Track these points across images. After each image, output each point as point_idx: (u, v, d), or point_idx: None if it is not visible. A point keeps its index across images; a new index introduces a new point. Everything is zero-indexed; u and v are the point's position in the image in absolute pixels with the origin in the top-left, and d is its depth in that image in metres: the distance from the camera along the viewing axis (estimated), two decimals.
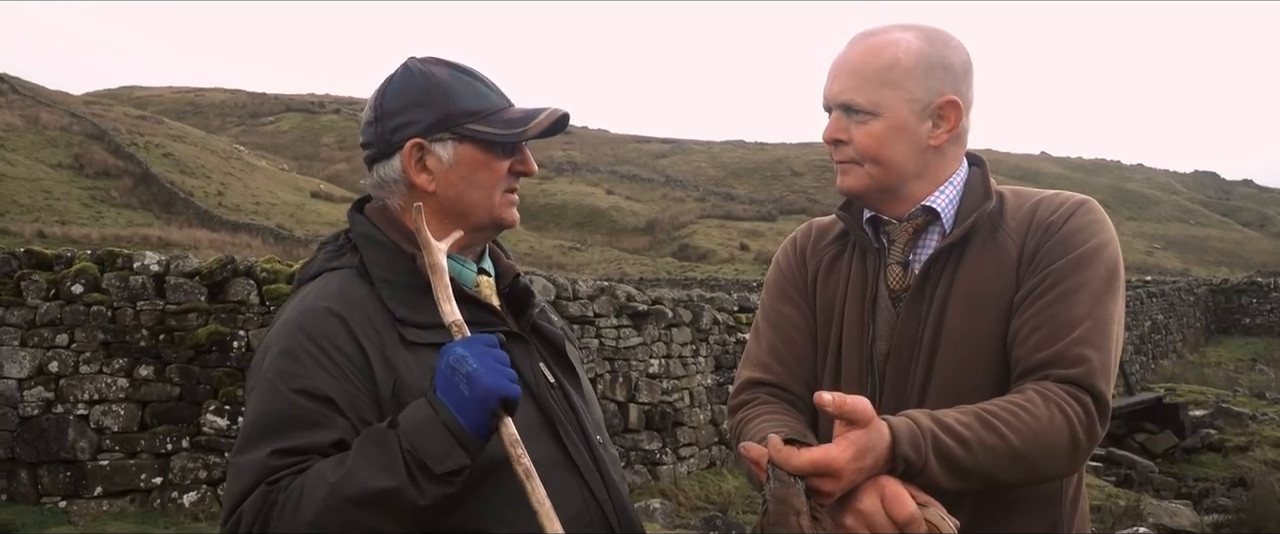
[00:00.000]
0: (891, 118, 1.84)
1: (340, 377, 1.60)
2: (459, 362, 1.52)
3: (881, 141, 1.84)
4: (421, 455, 1.48)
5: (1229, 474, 15.52)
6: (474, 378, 1.50)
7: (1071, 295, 1.75)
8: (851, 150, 1.87)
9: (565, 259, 45.98)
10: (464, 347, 1.54)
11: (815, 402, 1.51)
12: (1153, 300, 29.07)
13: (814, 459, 1.49)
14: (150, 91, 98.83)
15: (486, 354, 1.54)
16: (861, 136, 1.85)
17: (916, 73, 1.84)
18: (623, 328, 10.87)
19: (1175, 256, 62.72)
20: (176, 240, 32.73)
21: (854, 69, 1.85)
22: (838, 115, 1.87)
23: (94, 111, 58.38)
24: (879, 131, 1.84)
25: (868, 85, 1.83)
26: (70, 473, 8.28)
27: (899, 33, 1.88)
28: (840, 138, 1.87)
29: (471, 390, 1.50)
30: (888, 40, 1.86)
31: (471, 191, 1.76)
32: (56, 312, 8.50)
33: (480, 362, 1.52)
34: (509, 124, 1.76)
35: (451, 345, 1.56)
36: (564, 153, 78.50)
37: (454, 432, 1.50)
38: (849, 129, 1.86)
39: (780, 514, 1.48)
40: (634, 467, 10.72)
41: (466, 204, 1.77)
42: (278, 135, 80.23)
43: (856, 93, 1.84)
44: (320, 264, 1.81)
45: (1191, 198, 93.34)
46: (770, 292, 2.08)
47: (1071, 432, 1.66)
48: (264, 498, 1.51)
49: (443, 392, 1.52)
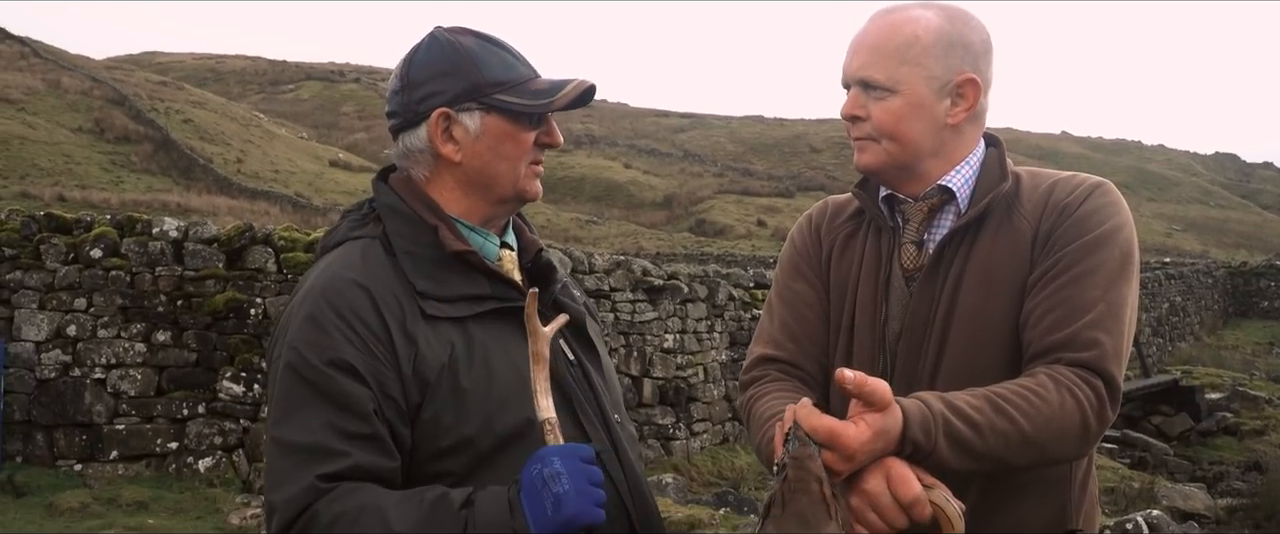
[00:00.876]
0: (910, 95, 1.83)
1: (364, 350, 1.59)
2: (553, 478, 1.49)
3: (899, 118, 1.83)
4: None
5: (1244, 458, 15.49)
6: (562, 500, 1.48)
7: (1085, 278, 1.74)
8: (869, 127, 1.86)
9: (582, 233, 45.99)
10: (562, 461, 1.51)
11: (836, 378, 1.50)
12: (1171, 282, 28.95)
13: (830, 427, 1.50)
14: (171, 57, 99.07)
15: (580, 474, 1.51)
16: (879, 113, 1.84)
17: (936, 50, 1.83)
18: (638, 302, 10.88)
19: (1194, 238, 62.36)
20: (195, 206, 32.85)
21: (873, 45, 1.84)
22: (856, 91, 1.86)
23: (115, 76, 58.53)
24: (897, 108, 1.83)
25: (886, 61, 1.82)
26: (86, 436, 8.36)
27: (919, 10, 1.86)
28: (858, 114, 1.86)
29: (556, 512, 1.48)
30: (908, 17, 1.85)
31: (498, 163, 1.75)
32: (75, 276, 8.56)
33: (573, 482, 1.49)
34: (536, 95, 1.74)
35: (549, 454, 1.52)
36: (583, 126, 78.40)
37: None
38: (867, 105, 1.85)
39: (801, 479, 1.46)
40: (647, 441, 10.75)
41: (492, 175, 1.75)
42: (297, 103, 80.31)
43: (875, 69, 1.83)
44: (344, 233, 1.79)
45: (1212, 179, 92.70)
46: (784, 268, 2.07)
47: (1082, 416, 1.65)
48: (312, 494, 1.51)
49: (526, 496, 1.51)
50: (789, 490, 1.46)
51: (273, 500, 1.54)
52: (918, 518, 1.53)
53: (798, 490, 1.46)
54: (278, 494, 1.53)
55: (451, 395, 1.62)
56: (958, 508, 1.54)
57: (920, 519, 1.53)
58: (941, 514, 1.53)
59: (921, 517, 1.52)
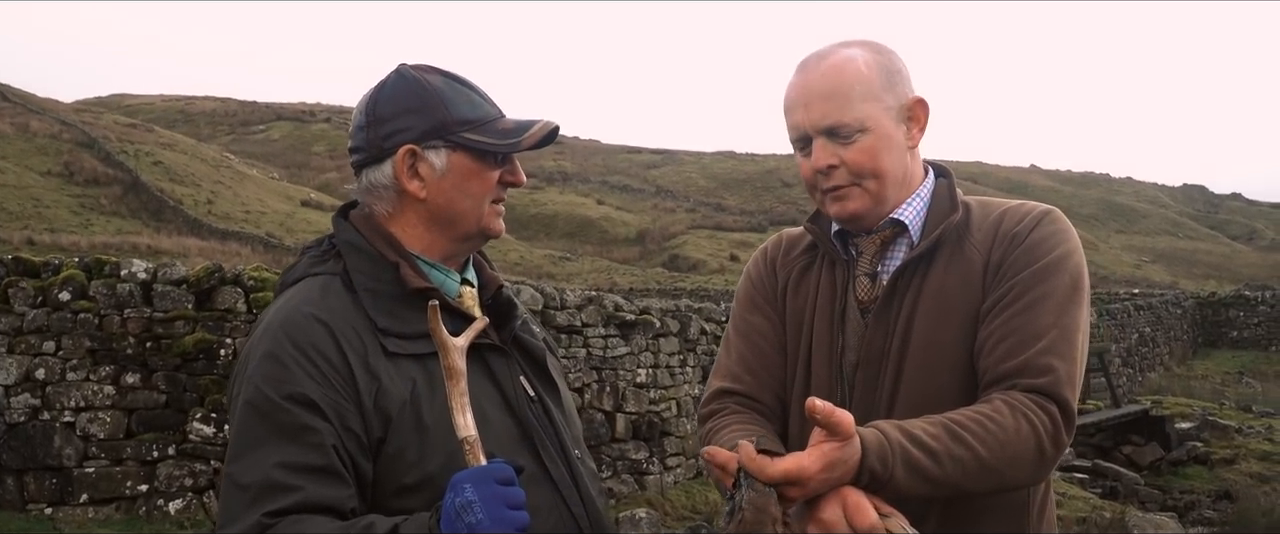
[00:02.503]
0: (878, 129, 1.86)
1: (324, 383, 1.59)
2: (465, 508, 1.45)
3: (876, 155, 1.86)
4: None
5: (1215, 487, 15.56)
6: (479, 528, 1.45)
7: (1037, 305, 1.77)
8: (844, 173, 1.87)
9: (555, 269, 45.93)
10: (475, 487, 1.47)
11: (806, 406, 1.51)
12: (1140, 313, 29.15)
13: (786, 470, 1.50)
14: (141, 99, 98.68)
15: (495, 501, 1.46)
16: (855, 155, 1.86)
17: (882, 82, 1.87)
18: (610, 338, 10.88)
19: (1163, 269, 62.89)
20: (166, 248, 32.63)
21: (827, 92, 1.86)
22: (822, 142, 1.87)
23: (84, 119, 58.22)
24: (871, 145, 1.85)
25: (847, 103, 1.84)
26: (56, 480, 8.27)
27: (846, 50, 1.90)
28: (832, 163, 1.87)
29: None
30: (844, 57, 1.88)
31: (462, 200, 1.76)
32: (44, 319, 8.50)
33: (487, 510, 1.45)
34: (503, 134, 1.76)
35: (461, 481, 1.48)
36: (555, 163, 78.51)
37: None
38: (838, 153, 1.86)
39: (758, 522, 1.48)
40: (621, 476, 10.73)
41: (457, 212, 1.77)
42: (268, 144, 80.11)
43: (840, 113, 1.84)
44: (303, 269, 1.79)
45: (1180, 211, 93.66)
46: (741, 302, 2.10)
47: (1038, 441, 1.68)
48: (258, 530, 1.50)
49: (444, 525, 1.48)
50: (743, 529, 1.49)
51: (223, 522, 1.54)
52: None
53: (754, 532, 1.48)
54: (228, 517, 1.53)
55: (414, 431, 1.63)
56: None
57: None
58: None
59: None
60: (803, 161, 1.92)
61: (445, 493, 1.50)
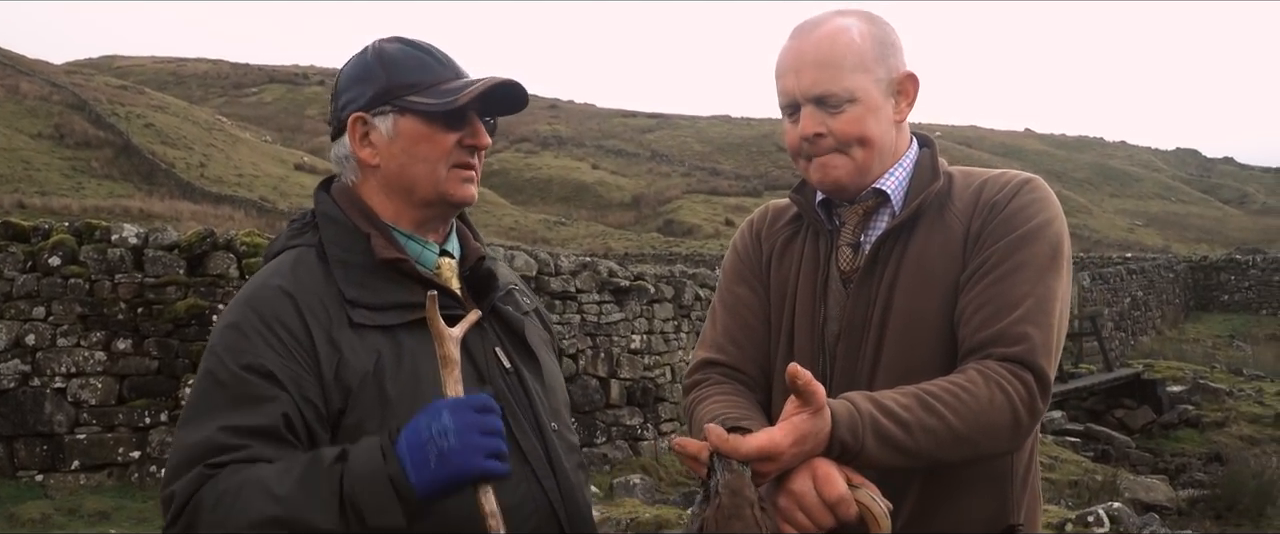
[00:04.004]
0: (867, 100, 1.85)
1: (285, 354, 1.59)
2: (440, 434, 1.47)
3: (864, 124, 1.85)
4: (358, 503, 1.46)
5: (1205, 450, 15.69)
6: (448, 455, 1.46)
7: (1014, 274, 1.77)
8: (831, 141, 1.87)
9: (550, 234, 45.95)
10: (452, 415, 1.49)
11: (787, 372, 1.51)
12: (1132, 277, 29.27)
13: (759, 446, 1.51)
14: (132, 61, 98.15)
15: (472, 426, 1.48)
16: (843, 124, 1.85)
17: (874, 53, 1.87)
18: (604, 304, 10.89)
19: (1156, 233, 63.03)
20: (158, 212, 32.55)
21: (818, 60, 1.85)
22: (811, 109, 1.86)
23: (75, 81, 57.90)
24: (860, 115, 1.85)
25: (838, 73, 1.84)
26: (47, 447, 8.27)
27: (841, 19, 1.89)
28: (820, 131, 1.86)
29: (438, 466, 1.46)
30: (838, 26, 1.87)
31: (414, 165, 1.74)
32: (33, 284, 8.47)
33: (460, 438, 1.47)
34: (443, 94, 1.74)
35: (440, 407, 1.50)
36: (550, 127, 78.26)
37: (399, 489, 1.46)
38: (826, 121, 1.86)
39: (735, 506, 1.47)
40: (615, 442, 10.76)
41: (410, 178, 1.75)
42: (261, 107, 79.82)
43: (831, 82, 1.84)
44: (283, 242, 1.81)
45: (1173, 175, 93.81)
46: (727, 274, 2.10)
47: (1012, 410, 1.68)
48: (198, 481, 1.50)
49: (408, 448, 1.48)
50: (723, 517, 1.48)
51: (165, 494, 1.53)
52: (844, 516, 1.54)
53: (732, 517, 1.47)
54: (170, 487, 1.53)
55: (377, 404, 1.62)
56: (884, 507, 1.55)
57: (847, 518, 1.54)
58: (868, 513, 1.55)
59: (847, 515, 1.54)
60: (790, 127, 1.92)
61: (415, 416, 1.51)
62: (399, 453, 1.48)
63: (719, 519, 1.48)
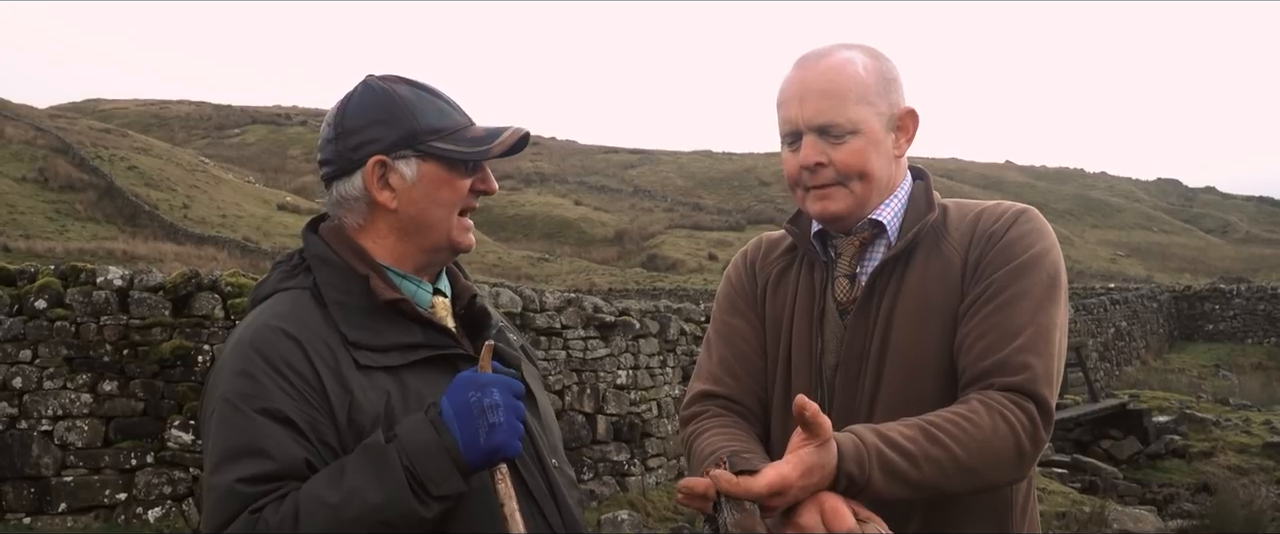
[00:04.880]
0: (869, 133, 1.86)
1: (298, 398, 1.59)
2: (491, 409, 1.57)
3: (865, 157, 1.86)
4: (421, 475, 1.51)
5: (1193, 480, 15.66)
6: (496, 430, 1.56)
7: (1013, 303, 1.78)
8: (831, 172, 1.87)
9: (534, 270, 45.86)
10: (501, 393, 1.59)
11: (795, 403, 1.51)
12: (1116, 307, 29.34)
13: (769, 483, 1.50)
14: (115, 104, 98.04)
15: (514, 409, 1.60)
16: (844, 156, 1.86)
17: (878, 88, 1.88)
18: (590, 339, 10.87)
19: (1139, 263, 63.22)
20: (142, 253, 32.42)
21: (824, 90, 1.86)
22: (812, 139, 1.87)
23: (59, 124, 57.79)
24: (861, 148, 1.86)
25: (843, 104, 1.85)
26: (34, 489, 8.20)
27: (846, 52, 1.91)
28: (820, 160, 1.87)
29: (488, 439, 1.56)
30: (843, 59, 1.89)
31: (433, 210, 1.76)
32: (20, 327, 8.42)
33: (506, 416, 1.58)
34: (473, 142, 1.76)
35: (489, 384, 1.60)
36: (532, 164, 78.38)
37: (455, 459, 1.53)
38: (827, 151, 1.87)
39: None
40: (602, 478, 10.72)
41: (427, 222, 1.77)
42: (243, 147, 79.70)
43: (835, 113, 1.85)
44: (273, 284, 1.79)
45: (1154, 205, 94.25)
46: (721, 305, 2.10)
47: (1016, 440, 1.68)
48: (251, 526, 1.50)
49: (457, 418, 1.55)
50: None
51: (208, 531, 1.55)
52: None
53: None
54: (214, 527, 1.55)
55: None
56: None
57: None
58: None
59: None
60: (789, 156, 1.92)
61: (460, 388, 1.59)
62: (448, 423, 1.55)
63: None
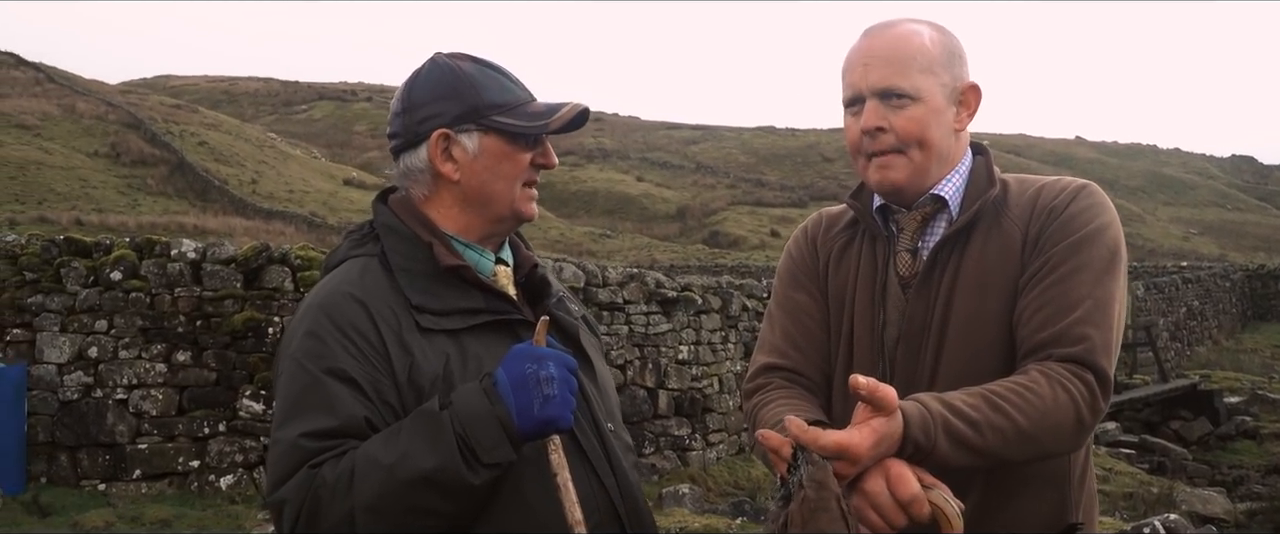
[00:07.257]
0: (931, 102, 1.88)
1: (362, 359, 1.67)
2: (547, 380, 1.62)
3: (925, 125, 1.88)
4: (472, 442, 1.57)
5: (1264, 462, 15.39)
6: (550, 402, 1.61)
7: (1073, 276, 1.80)
8: (891, 138, 1.89)
9: (595, 246, 46.05)
10: (556, 366, 1.64)
11: (850, 383, 1.54)
12: (1188, 286, 28.81)
13: (838, 441, 1.53)
14: (185, 80, 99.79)
15: (567, 383, 1.65)
16: (904, 122, 1.88)
17: (942, 59, 1.90)
18: (652, 314, 10.92)
19: (1212, 242, 62.03)
20: (212, 228, 33.05)
21: (888, 57, 1.88)
22: (875, 104, 1.89)
23: (130, 100, 58.96)
24: (922, 115, 1.88)
25: (907, 71, 1.87)
26: (109, 456, 8.45)
27: (913, 24, 1.93)
28: (881, 125, 1.89)
29: (541, 410, 1.61)
30: (910, 30, 1.91)
31: (495, 182, 1.82)
32: (96, 298, 8.65)
33: (561, 389, 1.63)
34: (533, 117, 1.82)
35: (546, 357, 1.65)
36: (594, 140, 78.53)
37: (506, 428, 1.58)
38: (888, 117, 1.88)
39: (821, 498, 1.49)
40: (663, 452, 10.79)
41: (489, 194, 1.83)
42: (310, 123, 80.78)
43: (899, 78, 1.87)
44: (344, 252, 1.88)
45: (1228, 182, 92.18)
46: (783, 279, 2.12)
47: (1075, 409, 1.70)
48: (309, 480, 1.57)
49: (512, 389, 1.61)
50: (808, 510, 1.49)
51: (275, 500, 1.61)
52: (917, 516, 1.56)
53: (818, 509, 1.49)
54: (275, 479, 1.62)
55: None
56: (956, 507, 1.57)
57: (919, 517, 1.57)
58: (940, 514, 1.56)
59: (920, 515, 1.56)
60: (851, 122, 1.94)
61: (516, 359, 1.64)
62: (502, 393, 1.61)
63: (804, 512, 1.49)
